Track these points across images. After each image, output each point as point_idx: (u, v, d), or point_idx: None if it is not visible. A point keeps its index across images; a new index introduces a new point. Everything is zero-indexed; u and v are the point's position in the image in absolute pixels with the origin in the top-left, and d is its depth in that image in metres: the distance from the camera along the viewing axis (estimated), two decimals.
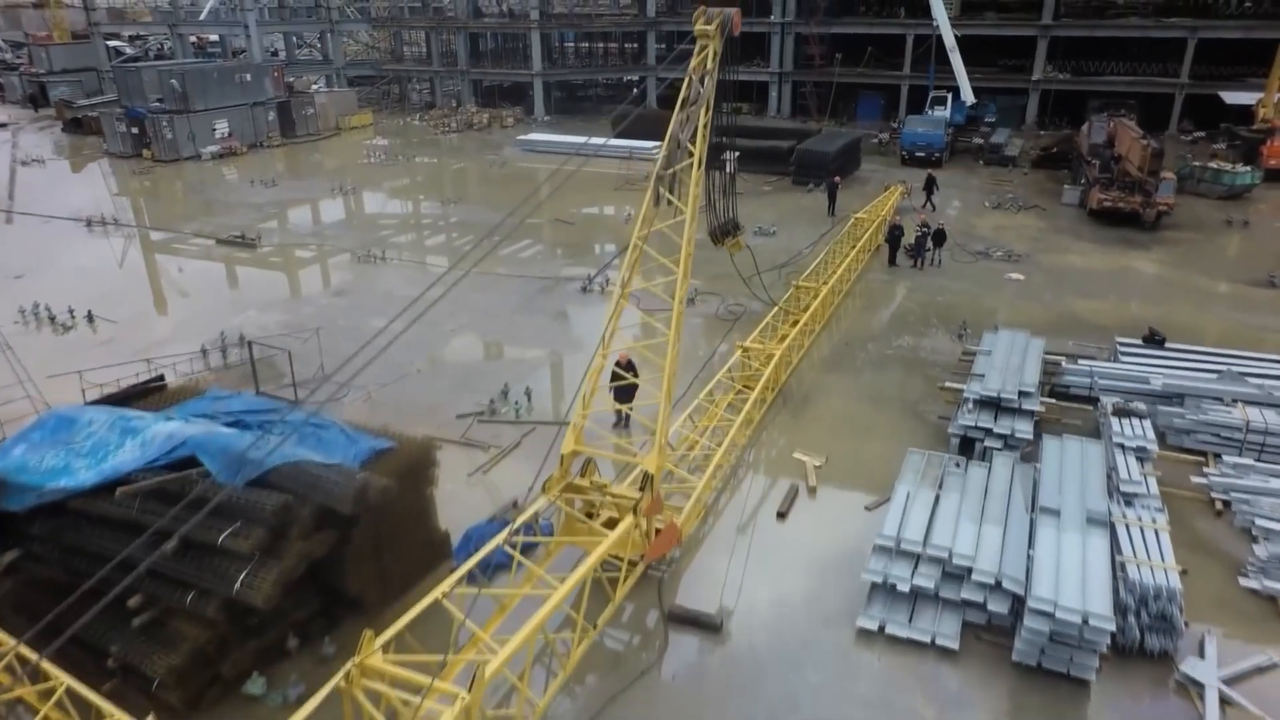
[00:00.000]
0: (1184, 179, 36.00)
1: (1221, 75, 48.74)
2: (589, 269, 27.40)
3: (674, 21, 59.48)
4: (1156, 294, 24.68)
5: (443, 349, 21.39)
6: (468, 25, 57.90)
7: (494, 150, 47.16)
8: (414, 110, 62.55)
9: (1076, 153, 38.56)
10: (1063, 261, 27.57)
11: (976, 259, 27.83)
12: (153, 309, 24.38)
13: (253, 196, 36.98)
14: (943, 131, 41.56)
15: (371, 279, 26.44)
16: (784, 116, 57.20)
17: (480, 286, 25.64)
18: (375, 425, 16.88)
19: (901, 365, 20.21)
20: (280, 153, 47.84)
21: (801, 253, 28.45)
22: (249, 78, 48.39)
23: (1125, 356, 18.99)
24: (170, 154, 44.74)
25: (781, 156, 40.00)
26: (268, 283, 26.34)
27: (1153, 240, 29.79)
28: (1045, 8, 49.77)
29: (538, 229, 32.46)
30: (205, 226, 32.57)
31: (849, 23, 55.59)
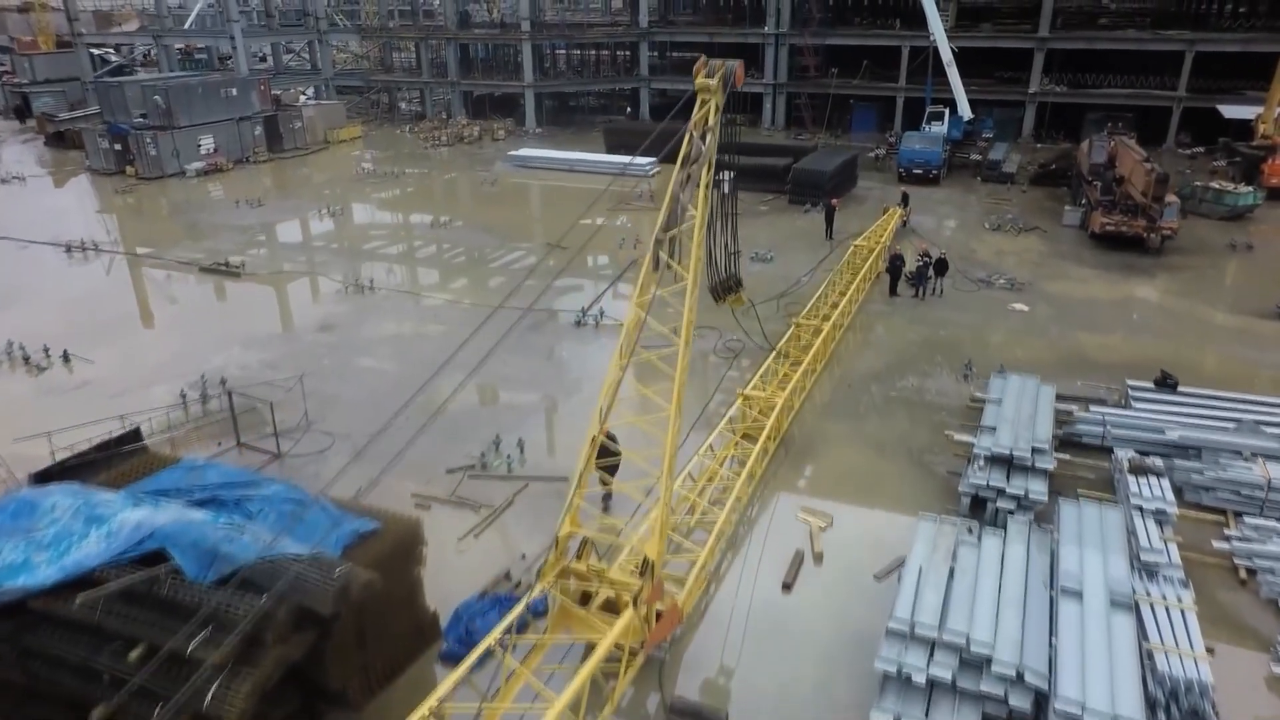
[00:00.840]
0: (1185, 198, 35.47)
1: (1220, 89, 48.31)
2: (582, 298, 26.72)
3: (666, 32, 58.87)
4: (1164, 327, 24.12)
5: (430, 391, 20.62)
6: (457, 36, 57.10)
7: (485, 166, 46.40)
8: (404, 121, 61.72)
9: (1076, 170, 38.05)
10: (1066, 290, 27.00)
11: (979, 287, 27.25)
12: (132, 346, 23.53)
13: (238, 218, 36.15)
14: (940, 149, 41.01)
15: (359, 312, 25.68)
16: (778, 128, 56.63)
17: (471, 320, 24.92)
18: (361, 482, 16.33)
19: (906, 409, 19.58)
20: (267, 169, 46.98)
21: (800, 281, 27.78)
22: (235, 92, 47.51)
23: (1137, 402, 18.39)
24: (154, 171, 43.85)
25: (777, 175, 39.38)
26: (251, 316, 25.54)
27: (1156, 266, 29.26)
28: (1042, 20, 49.28)
29: (529, 254, 31.76)
30: (189, 251, 31.76)
31: (844, 34, 55.03)
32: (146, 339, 24.05)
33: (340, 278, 28.51)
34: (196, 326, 24.74)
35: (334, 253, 31.75)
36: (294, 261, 30.72)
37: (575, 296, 26.70)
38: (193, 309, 26.31)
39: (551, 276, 27.40)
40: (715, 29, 58.84)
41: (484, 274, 30.21)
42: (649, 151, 45.32)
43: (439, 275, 29.84)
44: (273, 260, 30.85)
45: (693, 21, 64.42)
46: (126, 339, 23.96)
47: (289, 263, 30.57)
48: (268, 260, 30.82)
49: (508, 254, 31.85)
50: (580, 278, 28.94)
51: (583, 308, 25.25)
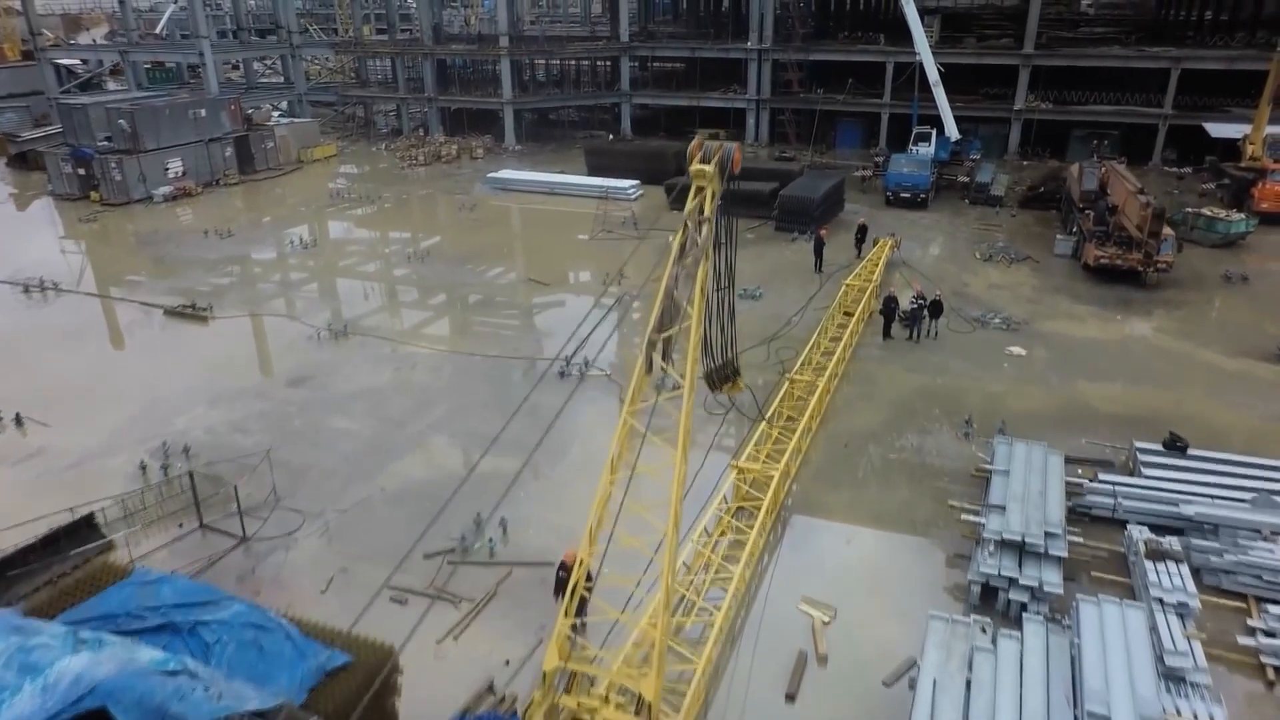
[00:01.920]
0: (1177, 225, 34.95)
1: (1206, 106, 48.00)
2: (563, 340, 25.68)
3: (647, 47, 57.91)
4: (1164, 373, 23.44)
5: (407, 458, 19.56)
6: (434, 51, 55.85)
7: (463, 189, 45.26)
8: (380, 138, 60.40)
9: (1066, 195, 37.47)
10: (1063, 330, 26.30)
11: (974, 328, 26.51)
12: (92, 405, 22.23)
13: (207, 250, 34.83)
14: (928, 172, 40.33)
15: (333, 361, 24.53)
16: (762, 144, 55.86)
17: (449, 369, 23.89)
18: (332, 569, 15.25)
19: (906, 474, 18.74)
20: (238, 193, 45.59)
21: (791, 321, 27.01)
22: (203, 113, 46.08)
23: (1147, 468, 17.65)
24: (119, 196, 42.39)
25: (763, 201, 38.48)
26: (218, 367, 24.31)
27: (1152, 300, 28.65)
28: (1027, 37, 48.78)
29: (510, 290, 30.72)
30: (155, 289, 30.50)
31: (828, 49, 54.35)
32: (107, 395, 22.76)
33: (313, 321, 27.33)
34: (160, 380, 23.48)
35: (306, 291, 30.56)
36: (264, 301, 29.48)
37: (557, 343, 25.66)
38: (157, 359, 25.04)
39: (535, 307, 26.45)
40: (697, 43, 57.95)
41: (463, 314, 29.14)
42: (631, 174, 45.08)
43: (416, 316, 28.66)
44: (242, 300, 29.59)
45: (674, 35, 63.50)
46: (86, 396, 22.67)
47: (259, 302, 29.33)
48: (237, 299, 29.56)
49: (488, 290, 30.78)
50: (563, 317, 27.88)
51: (566, 356, 24.23)
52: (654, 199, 41.91)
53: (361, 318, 27.79)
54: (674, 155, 45.81)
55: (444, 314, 28.97)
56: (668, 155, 45.61)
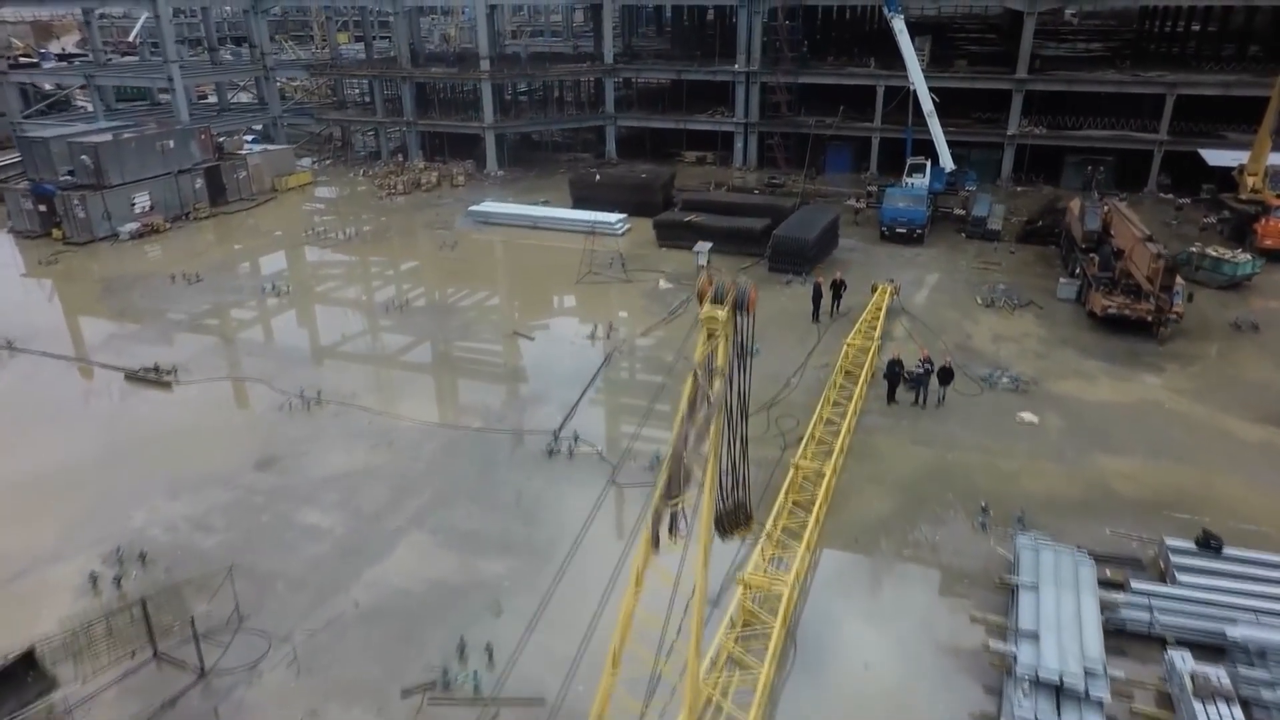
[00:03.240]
0: (1181, 265, 33.93)
1: (1201, 132, 47.15)
2: (552, 409, 24.32)
3: (632, 69, 56.53)
4: (1185, 445, 22.29)
5: (384, 562, 18.06)
6: (413, 75, 54.19)
7: (444, 222, 43.69)
8: (358, 162, 58.65)
9: (1065, 232, 36.38)
10: (1074, 391, 25.13)
11: (981, 389, 25.30)
12: (42, 498, 20.56)
13: (173, 299, 33.12)
14: (925, 208, 39.17)
15: (304, 437, 22.98)
16: (750, 168, 54.65)
17: (430, 445, 22.40)
18: (300, 710, 13.76)
19: (922, 577, 17.46)
20: (209, 228, 43.81)
21: (790, 383, 25.77)
22: (172, 144, 44.29)
23: (1181, 572, 16.44)
24: (83, 234, 40.58)
25: (755, 239, 37.28)
26: (182, 446, 22.71)
27: (1163, 354, 27.55)
28: (1020, 61, 47.75)
29: (495, 345, 29.23)
30: (116, 347, 28.83)
31: (817, 72, 53.14)
32: (60, 482, 21.11)
33: (284, 385, 25.76)
34: (119, 463, 21.88)
35: (278, 349, 28.90)
36: (233, 361, 27.85)
37: (544, 410, 24.25)
38: (116, 436, 23.37)
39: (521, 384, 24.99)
40: (684, 64, 56.62)
41: (444, 374, 27.63)
42: (617, 205, 43.66)
43: (395, 379, 27.09)
44: (209, 359, 27.94)
45: (660, 54, 62.15)
46: (36, 484, 21.03)
47: (226, 363, 27.71)
48: (204, 359, 27.90)
49: (471, 345, 29.27)
50: (548, 380, 26.43)
51: (554, 431, 22.82)
52: (641, 232, 40.58)
53: (336, 380, 26.23)
54: (661, 186, 44.59)
55: (424, 374, 27.46)
56: (654, 186, 44.33)
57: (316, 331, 30.52)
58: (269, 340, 29.71)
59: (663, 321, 30.56)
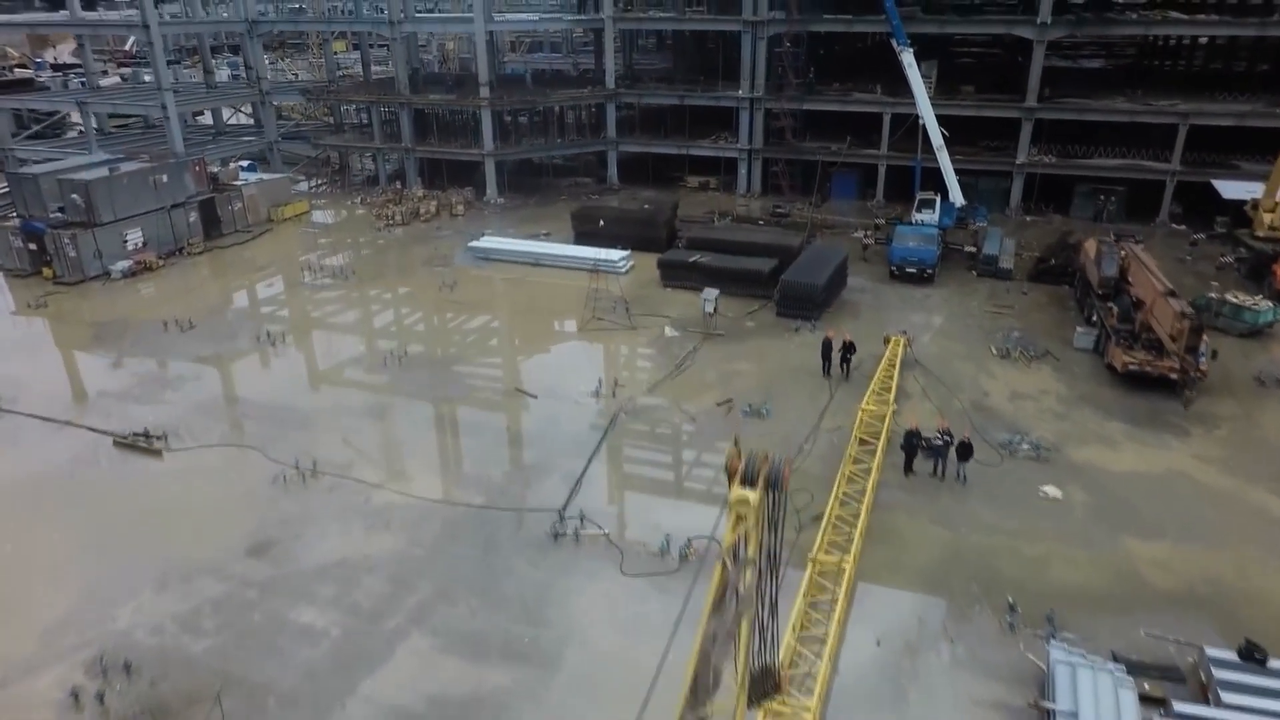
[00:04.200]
0: (1200, 310, 33.08)
1: (1214, 163, 46.31)
2: (556, 481, 23.42)
3: (634, 93, 55.63)
4: (1216, 524, 21.40)
5: (382, 670, 17.13)
6: (411, 101, 53.26)
7: (443, 257, 42.78)
8: (355, 188, 57.74)
9: (1081, 276, 35.46)
10: (1098, 461, 24.22)
11: (1002, 457, 24.39)
12: (20, 593, 19.61)
13: (164, 349, 32.17)
14: (935, 247, 38.29)
15: (299, 516, 22.05)
16: (754, 195, 53.81)
17: (430, 526, 21.48)
18: None
19: (951, 690, 16.54)
20: (203, 264, 42.88)
21: (803, 449, 24.87)
22: (166, 178, 43.32)
23: (1225, 690, 15.55)
24: (74, 274, 39.63)
25: (762, 281, 36.38)
26: (170, 526, 21.77)
27: (1188, 416, 26.63)
28: (1030, 89, 46.90)
29: (496, 404, 28.32)
30: (104, 406, 27.91)
31: (823, 99, 52.20)
32: (41, 573, 20.14)
33: (278, 452, 24.84)
34: (105, 547, 20.96)
35: (271, 409, 27.82)
36: (225, 424, 26.89)
37: (548, 483, 23.35)
38: (102, 515, 22.41)
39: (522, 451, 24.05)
40: (687, 89, 55.66)
41: (444, 439, 26.70)
42: (620, 240, 42.72)
43: (392, 445, 26.06)
44: (201, 420, 27.00)
45: (662, 76, 61.14)
46: (14, 577, 20.07)
47: (219, 424, 26.75)
48: (196, 421, 26.96)
49: (472, 404, 28.36)
50: (552, 445, 25.50)
51: (559, 510, 21.90)
52: (645, 269, 39.71)
53: (333, 444, 25.31)
54: (665, 222, 43.69)
55: (424, 437, 26.50)
56: (658, 222, 43.43)
57: (312, 387, 29.51)
58: (263, 397, 28.73)
59: (669, 377, 29.64)
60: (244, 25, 55.69)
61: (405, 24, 53.01)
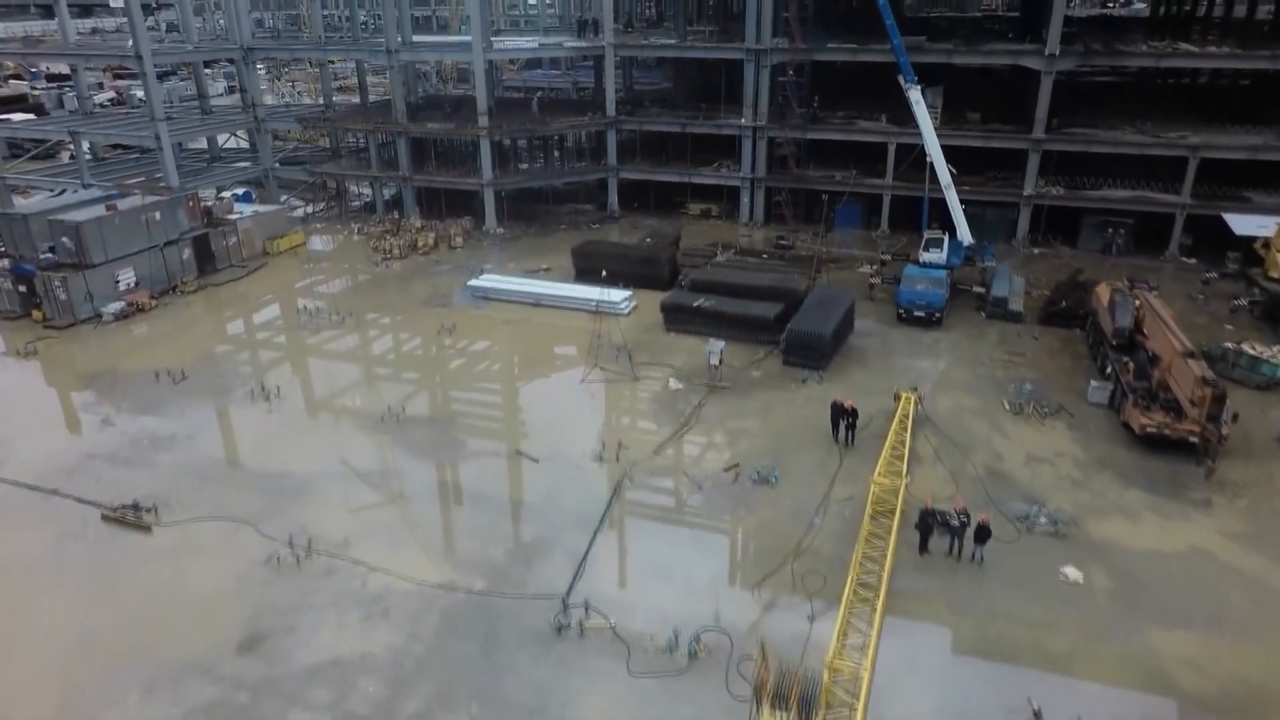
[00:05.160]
0: (1215, 360, 32.45)
1: (1225, 195, 45.59)
2: (559, 561, 22.65)
3: (635, 120, 54.85)
4: (1246, 613, 20.67)
5: None
6: (409, 130, 52.45)
7: (442, 296, 41.98)
8: (352, 214, 56.98)
9: (1093, 321, 34.73)
10: (1119, 538, 23.45)
11: (1019, 532, 23.64)
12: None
13: (156, 405, 31.35)
14: (944, 290, 37.54)
15: (293, 605, 21.24)
16: (756, 224, 53.09)
17: (429, 618, 20.66)
18: None
19: None
20: (196, 303, 42.06)
21: (814, 524, 24.12)
22: (159, 216, 42.50)
23: None
24: (65, 317, 38.83)
25: (767, 326, 35.62)
26: (159, 616, 20.96)
27: (1210, 485, 25.85)
28: (1037, 121, 46.17)
29: (498, 469, 27.51)
30: (93, 471, 27.10)
31: (827, 128, 51.46)
32: (18, 678, 19.31)
33: (271, 528, 24.05)
34: (89, 644, 20.13)
35: (264, 476, 26.92)
36: (217, 492, 26.05)
37: (551, 564, 22.56)
38: (87, 601, 21.59)
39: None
40: (689, 116, 54.88)
41: (445, 512, 25.73)
42: (622, 278, 41.90)
43: (389, 517, 25.08)
44: (193, 487, 26.19)
45: (663, 99, 60.33)
46: None
47: (211, 493, 25.90)
48: (187, 489, 26.15)
49: (472, 470, 27.56)
50: (554, 517, 24.71)
51: (562, 598, 21.12)
52: (647, 308, 39.01)
53: (328, 517, 24.52)
54: (667, 260, 42.91)
55: (422, 509, 25.60)
56: (660, 260, 42.67)
57: (307, 450, 28.60)
58: (256, 460, 27.90)
59: (674, 437, 28.87)
60: (239, 51, 54.85)
61: (402, 52, 52.22)
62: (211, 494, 25.93)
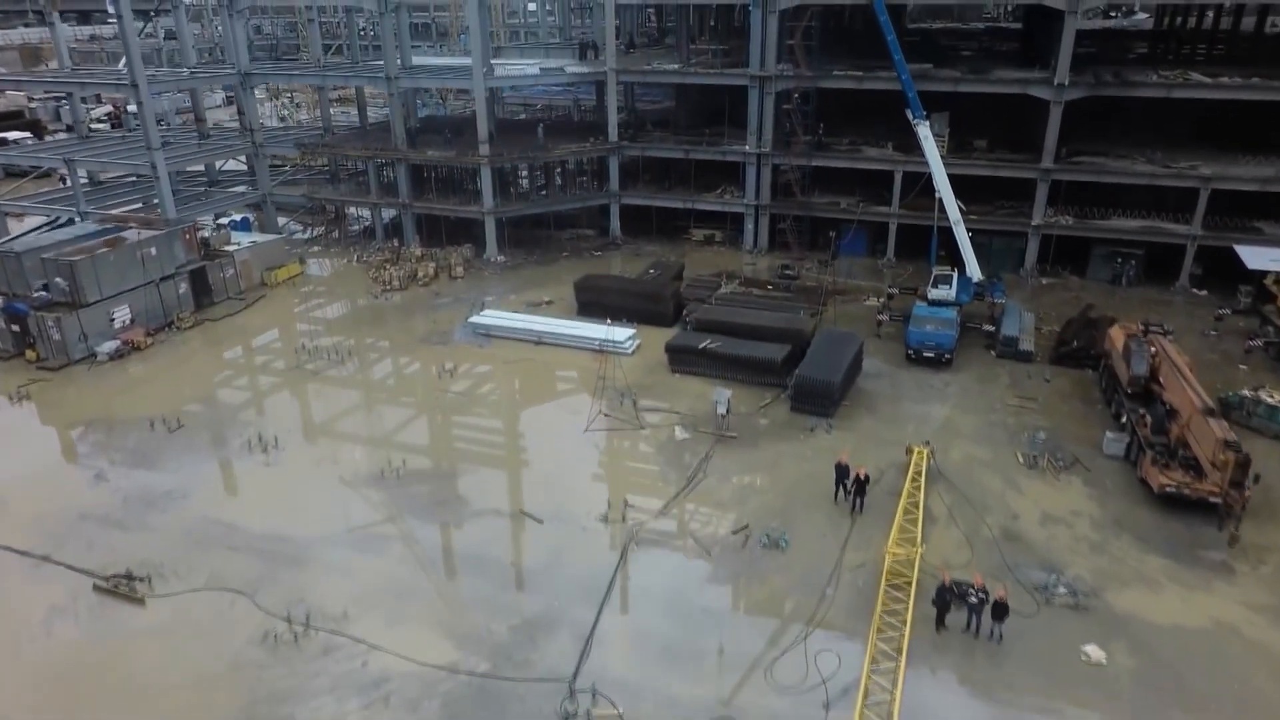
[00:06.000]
0: (1232, 408, 31.84)
1: (1236, 226, 44.94)
2: (565, 639, 21.98)
3: (637, 146, 54.14)
4: (1273, 698, 20.01)
5: None
6: (408, 157, 51.75)
7: (442, 333, 41.28)
8: (352, 238, 56.30)
9: (1107, 366, 34.03)
10: (1140, 609, 22.80)
11: (1038, 605, 22.97)
12: None
13: (150, 457, 30.65)
14: (954, 331, 36.84)
15: (290, 690, 20.55)
16: (761, 252, 52.43)
17: (429, 702, 19.98)
18: None
19: None
20: (194, 339, 41.36)
21: (826, 595, 23.47)
22: (154, 251, 41.81)
23: None
24: (59, 357, 38.16)
25: (774, 369, 34.96)
26: (150, 705, 20.29)
27: (1232, 550, 25.18)
28: (1045, 151, 45.52)
29: (501, 531, 26.80)
30: (85, 534, 26.42)
31: (832, 155, 50.79)
32: None
33: (268, 599, 23.38)
34: None
35: (261, 538, 26.11)
36: (212, 557, 25.34)
37: (556, 642, 21.88)
38: (76, 695, 20.80)
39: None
40: (691, 141, 54.20)
41: (446, 584, 24.74)
42: (625, 313, 41.24)
43: (390, 586, 24.27)
44: (187, 552, 25.49)
45: (664, 122, 59.58)
46: None
47: (206, 559, 25.18)
48: (181, 551, 25.47)
49: (474, 531, 26.88)
50: (559, 587, 24.02)
51: (568, 682, 20.44)
52: (651, 346, 38.37)
53: (326, 585, 23.85)
54: (671, 295, 42.23)
55: (423, 578, 24.77)
56: (664, 296, 42.01)
57: (305, 509, 27.75)
58: (252, 521, 27.09)
59: (680, 495, 28.21)
60: (237, 76, 54.15)
61: (402, 79, 51.50)
62: (207, 559, 25.23)
